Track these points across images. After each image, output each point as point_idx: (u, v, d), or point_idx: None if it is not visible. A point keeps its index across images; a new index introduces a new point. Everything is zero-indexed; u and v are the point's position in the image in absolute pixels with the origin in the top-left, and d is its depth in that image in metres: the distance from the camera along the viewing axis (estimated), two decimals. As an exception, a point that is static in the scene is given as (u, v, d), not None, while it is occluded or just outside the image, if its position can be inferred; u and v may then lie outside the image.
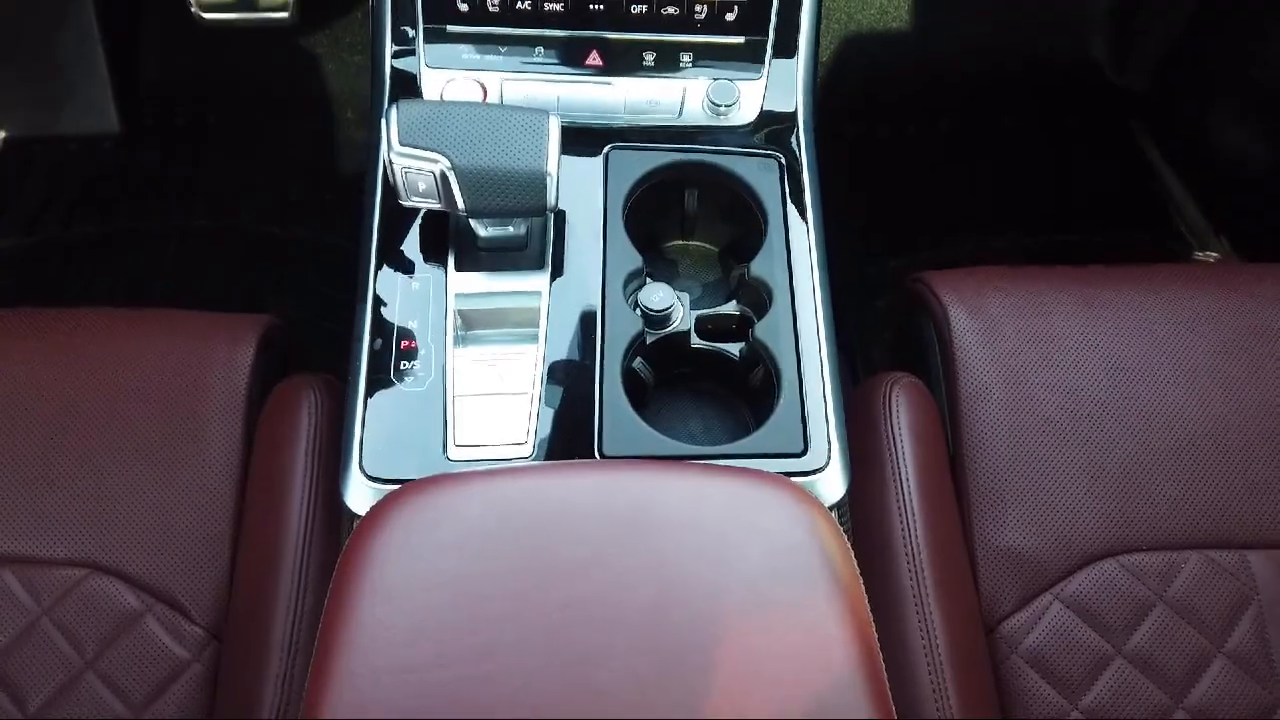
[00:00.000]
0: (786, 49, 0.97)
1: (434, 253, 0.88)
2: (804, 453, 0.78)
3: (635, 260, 0.88)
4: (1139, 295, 1.04)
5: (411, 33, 0.96)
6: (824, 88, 1.70)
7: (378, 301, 0.85)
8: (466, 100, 0.93)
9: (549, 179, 0.80)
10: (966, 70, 1.92)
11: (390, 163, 0.80)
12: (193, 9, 1.71)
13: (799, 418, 0.80)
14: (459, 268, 0.87)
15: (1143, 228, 1.78)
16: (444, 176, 0.80)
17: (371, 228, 0.88)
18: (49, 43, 1.78)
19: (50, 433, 0.93)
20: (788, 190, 0.92)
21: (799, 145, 0.94)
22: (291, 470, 0.89)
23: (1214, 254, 1.71)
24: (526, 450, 0.78)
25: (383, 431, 0.79)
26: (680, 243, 1.00)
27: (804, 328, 0.84)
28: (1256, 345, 1.00)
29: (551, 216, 0.88)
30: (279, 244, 1.72)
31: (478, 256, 0.88)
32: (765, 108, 0.96)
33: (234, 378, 0.96)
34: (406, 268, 0.87)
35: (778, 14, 0.97)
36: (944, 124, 1.89)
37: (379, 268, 0.87)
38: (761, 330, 0.84)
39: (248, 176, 1.80)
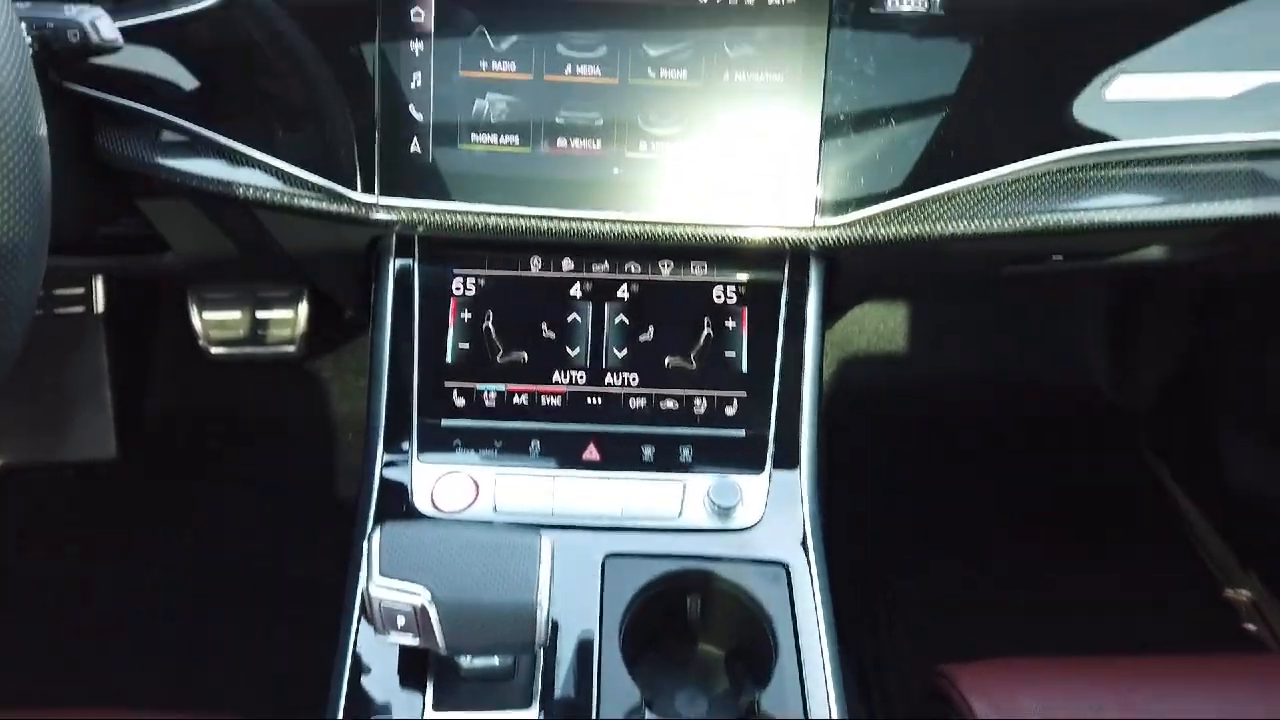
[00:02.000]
0: (789, 456, 0.94)
1: (410, 682, 0.81)
2: None
3: (633, 695, 0.80)
4: (1185, 699, 0.95)
5: (406, 445, 0.94)
6: (824, 407, 1.68)
7: None
8: (454, 520, 0.90)
9: (539, 611, 0.75)
10: (966, 392, 1.93)
11: (368, 595, 0.75)
12: (201, 343, 1.76)
13: None
14: (437, 704, 0.80)
15: (1163, 559, 1.71)
16: (423, 610, 0.74)
17: (343, 670, 0.81)
18: (57, 373, 1.80)
19: None
20: (797, 606, 0.86)
21: (807, 556, 0.89)
22: None
23: (1245, 591, 1.62)
24: None
25: None
26: (683, 645, 0.93)
27: None
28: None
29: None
30: (271, 581, 1.65)
31: (459, 689, 0.80)
32: (769, 509, 0.92)
33: None
34: (379, 707, 0.79)
35: (778, 409, 0.96)
36: (948, 446, 1.87)
37: (350, 706, 0.80)
38: (774, 784, 0.75)
39: (244, 506, 1.77)
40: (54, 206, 0.72)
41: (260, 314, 1.74)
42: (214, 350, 1.76)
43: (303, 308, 1.75)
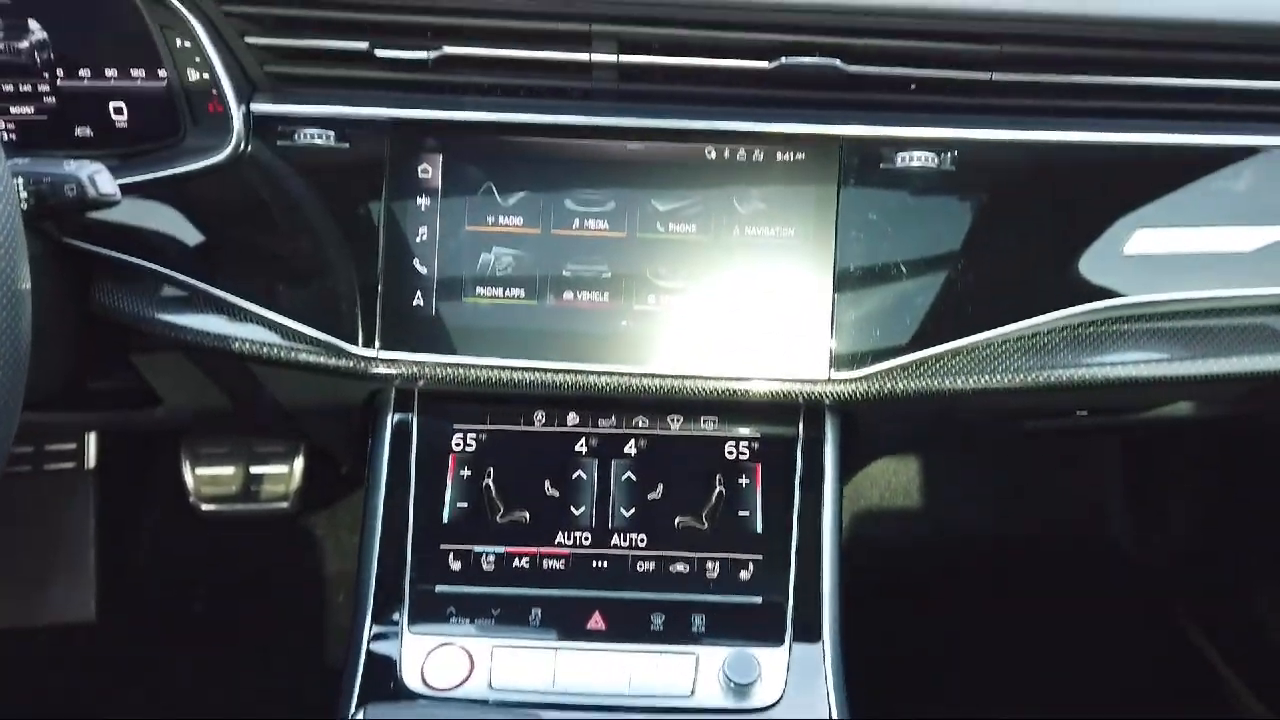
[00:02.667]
0: (810, 626, 0.88)
1: None
2: None
3: None
4: None
5: (397, 614, 0.88)
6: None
7: None
8: (445, 700, 0.83)
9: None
10: (982, 550, 1.86)
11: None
12: (192, 500, 1.71)
13: None
14: None
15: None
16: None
17: None
18: (41, 531, 1.74)
19: None
20: None
21: None
22: None
23: (1300, 769, 1.50)
24: None
25: None
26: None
27: None
28: None
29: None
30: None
31: None
32: (790, 686, 0.85)
33: None
34: None
35: (797, 574, 0.90)
36: (969, 606, 1.78)
37: None
38: None
39: (226, 672, 1.67)
40: (45, 360, 0.69)
41: (254, 469, 1.69)
42: (205, 507, 1.71)
43: (298, 463, 1.71)
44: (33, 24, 0.84)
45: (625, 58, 0.86)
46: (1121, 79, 0.86)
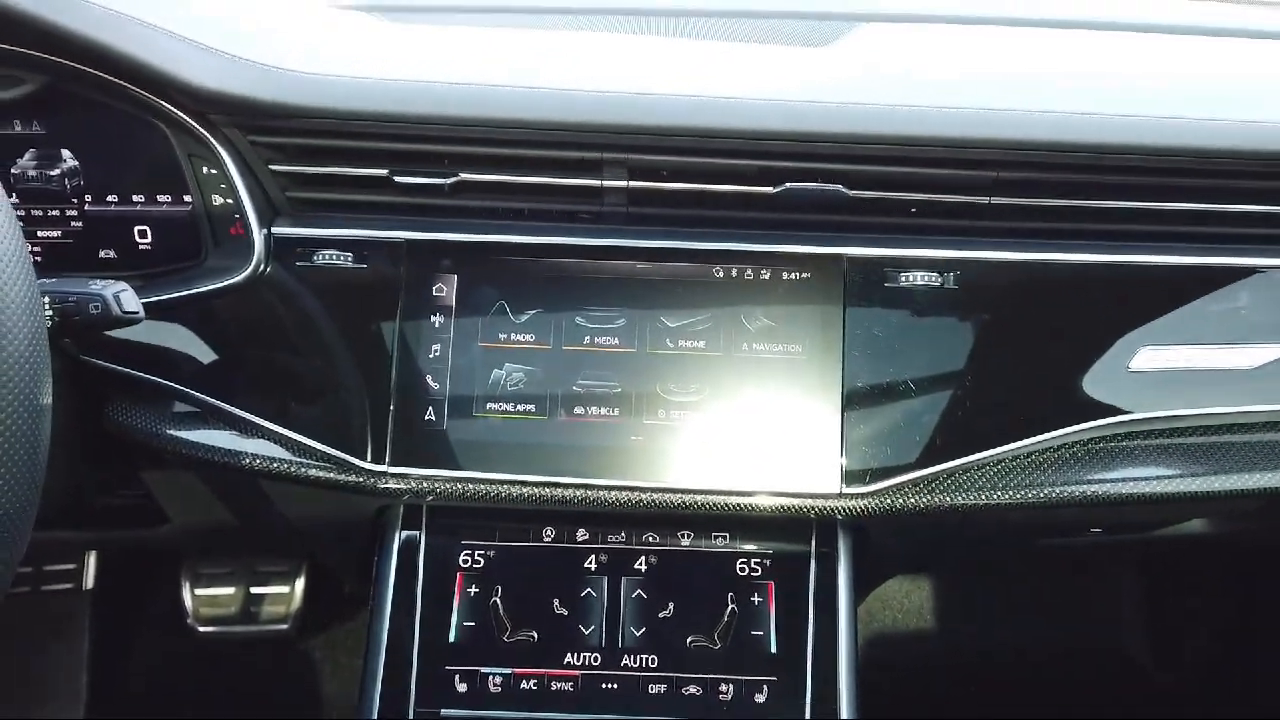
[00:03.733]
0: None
1: None
2: None
3: None
4: None
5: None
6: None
7: None
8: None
9: None
10: (1000, 670, 1.81)
11: None
12: (189, 621, 1.68)
13: None
14: None
15: None
16: None
17: None
18: (34, 657, 1.70)
19: None
20: None
21: None
22: None
23: None
24: None
25: None
26: None
27: None
28: None
29: None
30: None
31: None
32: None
33: None
34: None
35: (813, 697, 0.88)
36: None
37: None
38: None
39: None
40: (54, 477, 0.69)
41: (255, 589, 1.67)
42: (203, 629, 1.67)
43: (299, 583, 1.68)
44: (65, 153, 0.88)
45: (635, 183, 0.89)
46: (1116, 203, 0.89)
